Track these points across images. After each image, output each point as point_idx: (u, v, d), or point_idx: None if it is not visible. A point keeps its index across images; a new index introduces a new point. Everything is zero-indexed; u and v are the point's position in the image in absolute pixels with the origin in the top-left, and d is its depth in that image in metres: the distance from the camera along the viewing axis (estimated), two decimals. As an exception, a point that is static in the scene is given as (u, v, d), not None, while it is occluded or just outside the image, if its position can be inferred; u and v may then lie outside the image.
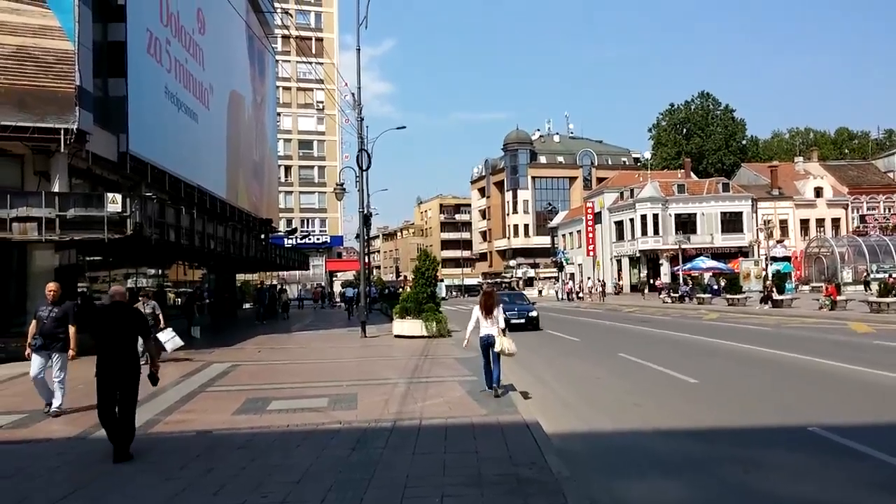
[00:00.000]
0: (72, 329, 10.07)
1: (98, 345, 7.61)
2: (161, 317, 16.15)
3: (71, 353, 10.17)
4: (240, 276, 49.84)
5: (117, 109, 21.10)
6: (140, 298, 16.50)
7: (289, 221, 75.35)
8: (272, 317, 37.08)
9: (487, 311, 10.98)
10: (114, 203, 17.52)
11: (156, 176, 23.76)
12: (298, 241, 64.02)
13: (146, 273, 27.94)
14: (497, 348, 10.76)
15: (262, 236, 40.52)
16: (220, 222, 27.64)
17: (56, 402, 10.13)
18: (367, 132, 27.72)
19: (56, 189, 18.12)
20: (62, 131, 17.63)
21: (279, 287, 47.07)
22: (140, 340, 8.05)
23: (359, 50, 26.26)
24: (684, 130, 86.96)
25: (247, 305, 48.64)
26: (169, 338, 15.62)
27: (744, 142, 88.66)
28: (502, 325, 10.99)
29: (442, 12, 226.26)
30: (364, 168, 26.21)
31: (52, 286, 10.33)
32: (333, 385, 12.57)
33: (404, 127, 60.93)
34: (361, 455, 7.46)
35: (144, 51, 22.71)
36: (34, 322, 10.09)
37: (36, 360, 10.02)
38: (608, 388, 12.40)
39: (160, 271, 29.44)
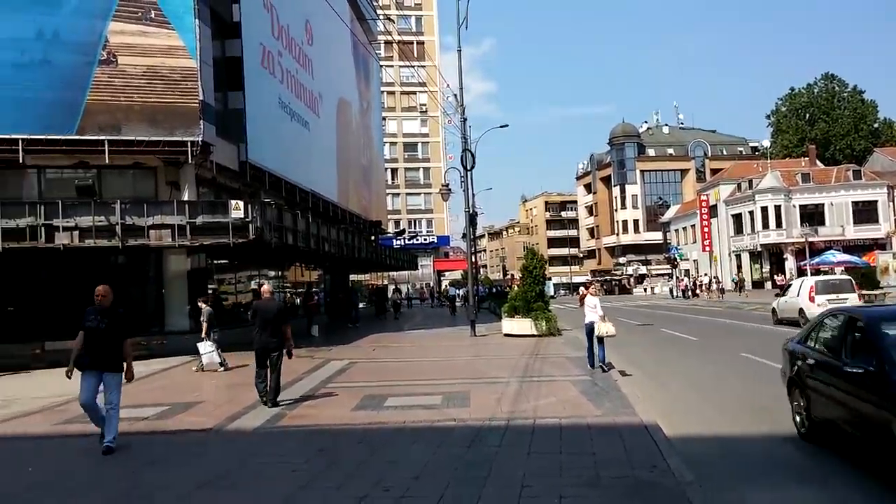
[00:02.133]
0: (127, 345, 8.23)
1: (256, 330, 10.60)
2: (206, 326, 15.76)
3: (124, 378, 8.21)
4: (352, 277, 51.34)
5: (236, 121, 22.32)
6: (199, 304, 16.71)
7: (396, 223, 76.94)
8: (383, 316, 37.96)
9: (584, 302, 13.92)
10: (237, 209, 18.54)
11: (273, 182, 24.92)
12: (406, 241, 65.26)
13: (267, 275, 29.28)
14: (597, 333, 13.32)
15: (372, 238, 41.59)
16: (333, 225, 28.63)
17: (109, 435, 8.02)
18: (470, 132, 27.92)
19: (186, 198, 19.34)
20: (189, 144, 18.84)
21: (393, 287, 48.12)
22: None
23: (460, 51, 26.44)
24: (807, 116, 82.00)
25: (361, 305, 50.05)
26: (206, 351, 15.59)
27: (875, 125, 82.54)
28: (601, 313, 13.54)
29: (541, 7, 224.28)
30: (468, 168, 26.42)
31: (100, 289, 8.26)
32: (446, 383, 12.76)
33: (507, 125, 60.65)
34: (477, 453, 7.55)
35: (259, 64, 23.87)
36: (80, 335, 8.15)
37: (85, 383, 8.04)
38: (732, 389, 11.93)
39: (280, 273, 30.78)
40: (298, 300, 31.47)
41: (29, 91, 17.77)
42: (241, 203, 18.82)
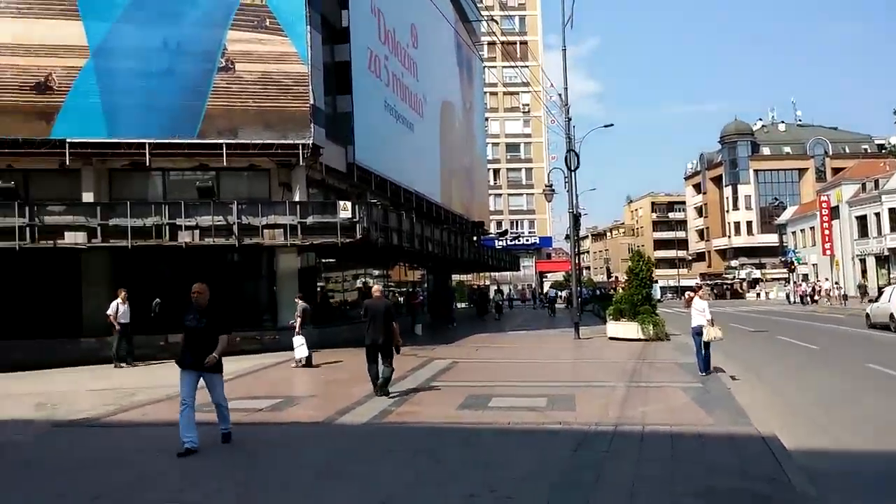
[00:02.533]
0: (222, 340, 8.04)
1: (367, 326, 11.27)
2: (299, 321, 16.26)
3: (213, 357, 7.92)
4: (454, 277, 51.70)
5: (344, 124, 22.96)
6: (296, 300, 17.24)
7: (498, 223, 76.90)
8: (484, 316, 38.02)
9: (692, 305, 13.79)
10: (345, 210, 19.07)
11: (379, 183, 25.45)
12: (509, 242, 65.10)
13: (371, 274, 29.92)
14: (705, 337, 13.19)
15: (475, 238, 41.72)
16: (436, 225, 28.92)
17: (222, 424, 8.27)
18: (573, 132, 27.48)
19: (297, 198, 20.04)
20: (300, 146, 19.52)
21: (495, 288, 48.12)
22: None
23: (564, 50, 26.10)
24: (940, 110, 75.85)
25: (461, 305, 50.34)
26: (298, 345, 16.13)
27: None
28: (709, 317, 13.36)
29: (647, 4, 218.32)
30: (573, 168, 26.01)
31: (197, 287, 8.11)
32: (551, 385, 12.61)
33: (612, 125, 59.54)
34: (583, 457, 7.39)
35: (366, 68, 24.44)
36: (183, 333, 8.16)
37: (183, 381, 7.97)
38: (857, 401, 11.18)
39: (384, 272, 31.39)
40: (402, 299, 32.00)
41: (155, 98, 18.91)
42: (349, 204, 19.34)
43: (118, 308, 17.34)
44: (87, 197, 19.18)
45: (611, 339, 21.68)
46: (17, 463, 7.94)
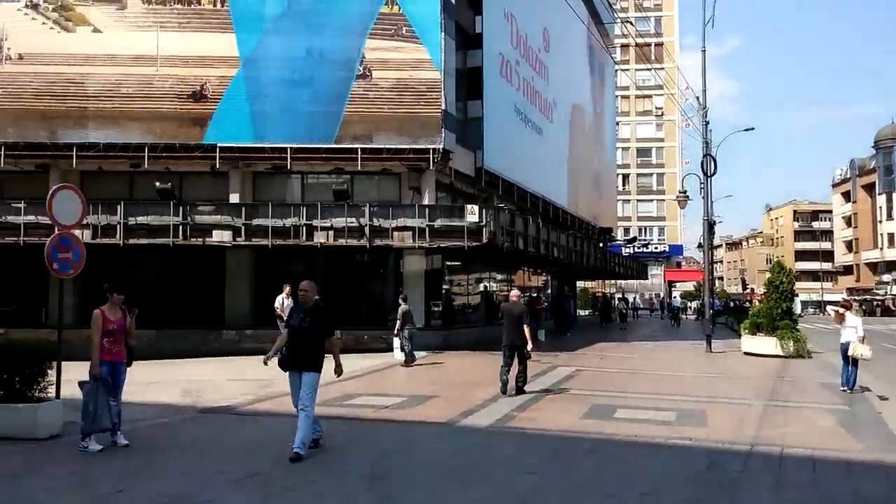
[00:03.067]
0: (332, 342, 7.69)
1: (504, 328, 12.18)
2: (399, 323, 16.95)
3: (334, 374, 7.67)
4: (579, 283, 50.98)
5: (474, 129, 23.22)
6: (400, 301, 17.65)
7: (626, 230, 75.01)
8: (607, 325, 37.17)
9: (843, 321, 13.30)
10: (472, 214, 19.28)
11: (506, 188, 25.53)
12: (636, 249, 63.34)
13: (495, 277, 30.04)
14: (851, 352, 12.73)
15: (601, 244, 40.94)
16: (562, 230, 28.62)
17: (297, 440, 7.38)
18: (710, 136, 26.34)
19: (426, 202, 20.49)
20: (431, 151, 19.94)
21: (619, 296, 47.06)
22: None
23: (704, 51, 25.12)
24: None
25: (584, 312, 49.53)
26: (396, 345, 17.03)
27: None
28: (861, 334, 12.86)
29: (793, 1, 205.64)
30: (709, 174, 24.95)
31: (304, 285, 7.73)
32: (679, 399, 12.16)
33: (752, 128, 56.48)
34: (716, 476, 7.09)
35: (497, 73, 24.59)
36: (284, 333, 7.96)
37: (292, 386, 7.72)
38: None
39: (508, 275, 31.44)
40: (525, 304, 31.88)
41: (297, 105, 19.95)
42: (476, 207, 19.53)
43: (283, 302, 17.52)
44: (234, 198, 20.50)
45: (745, 353, 20.61)
46: (168, 444, 8.61)
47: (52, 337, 10.03)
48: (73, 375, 8.44)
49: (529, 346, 12.14)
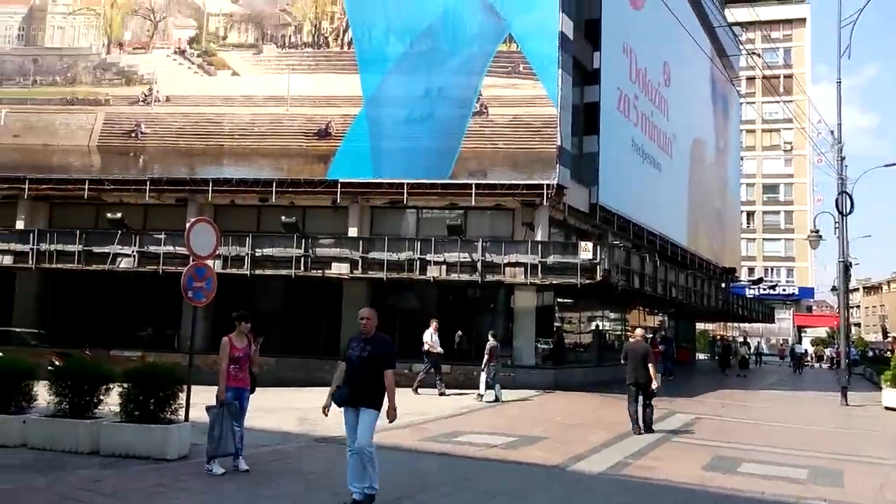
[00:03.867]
0: (388, 376, 6.89)
1: (627, 367, 12.70)
2: (486, 358, 16.85)
3: (387, 418, 6.92)
4: (699, 325, 48.91)
5: (589, 164, 22.96)
6: (489, 336, 17.47)
7: (751, 270, 71.39)
8: (726, 371, 35.20)
9: None
10: (585, 251, 18.97)
11: (621, 224, 24.98)
12: (762, 291, 60.12)
13: (608, 316, 29.31)
14: None
15: (723, 285, 39.17)
16: (681, 269, 27.62)
17: (361, 484, 6.82)
18: (845, 171, 24.78)
19: (538, 238, 20.35)
20: (545, 187, 19.84)
21: (741, 340, 44.75)
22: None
23: (839, 82, 23.73)
24: None
25: (701, 356, 47.37)
26: (482, 381, 16.81)
27: None
28: None
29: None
30: (844, 213, 23.43)
31: (365, 312, 7.06)
32: (811, 455, 11.31)
33: (894, 164, 52.52)
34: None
35: (614, 108, 24.28)
36: (341, 366, 7.10)
37: (347, 424, 6.99)
38: None
39: (622, 314, 30.60)
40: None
41: (414, 141, 20.47)
42: (590, 245, 19.20)
43: (432, 336, 17.79)
44: (352, 231, 21.17)
45: (887, 408, 18.98)
46: (285, 471, 8.87)
47: (184, 361, 10.68)
48: (201, 399, 8.90)
49: (654, 385, 12.44)
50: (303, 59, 21.52)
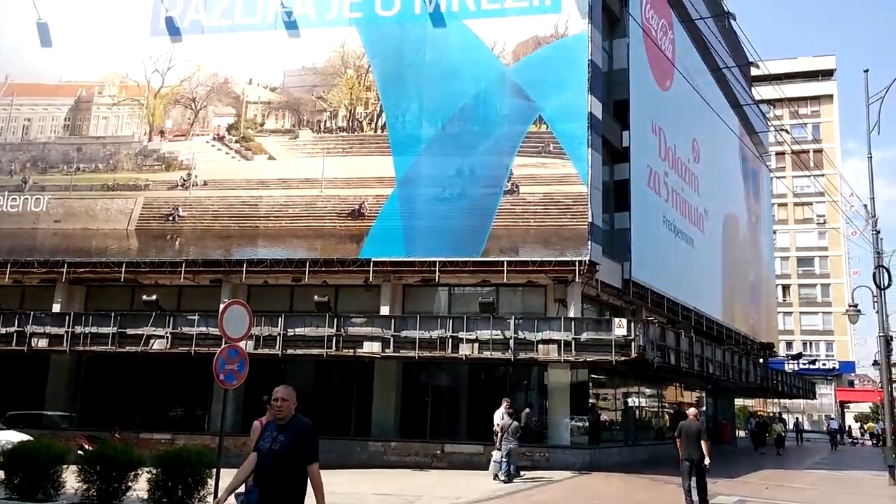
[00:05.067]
0: (313, 473, 5.41)
1: (682, 445, 12.72)
2: (499, 436, 16.35)
3: None
4: (738, 401, 47.51)
5: (621, 240, 22.96)
6: (504, 415, 16.91)
7: (788, 344, 69.68)
8: (761, 449, 33.78)
9: None
10: (620, 327, 18.73)
11: (655, 300, 24.72)
12: (801, 366, 58.48)
13: (644, 392, 28.65)
14: None
15: (761, 360, 38.25)
16: (717, 345, 27.10)
17: None
18: (881, 245, 24.39)
19: (571, 314, 20.18)
20: (577, 263, 19.80)
21: (777, 417, 43.36)
22: None
23: (870, 157, 23.64)
24: None
25: (741, 433, 45.74)
26: (494, 459, 16.31)
27: None
28: None
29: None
30: (883, 287, 22.95)
31: (281, 392, 5.61)
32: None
33: (932, 235, 51.65)
34: None
35: (645, 185, 24.43)
36: (251, 457, 5.60)
37: None
38: None
39: (658, 391, 29.89)
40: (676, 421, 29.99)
41: (446, 220, 20.71)
42: (624, 321, 18.99)
43: (504, 417, 16.98)
44: (384, 310, 21.20)
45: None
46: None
47: (213, 443, 10.60)
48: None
49: (707, 461, 12.60)
50: (337, 142, 22.13)
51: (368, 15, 22.36)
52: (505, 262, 20.14)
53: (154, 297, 21.02)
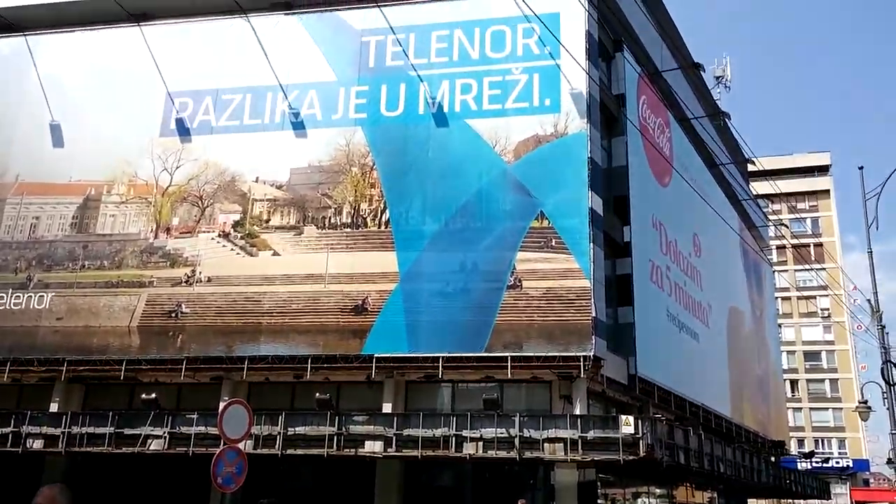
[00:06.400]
0: None
1: None
2: None
3: None
4: (751, 501, 45.87)
5: (625, 335, 22.79)
6: None
7: (800, 441, 67.95)
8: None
9: None
10: (627, 425, 18.28)
11: (662, 396, 24.29)
12: (814, 464, 56.79)
13: (654, 492, 27.75)
14: None
15: (773, 458, 37.19)
16: (727, 443, 26.42)
17: None
18: (887, 339, 24.21)
19: (577, 411, 19.76)
20: (582, 359, 19.58)
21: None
22: None
23: (870, 252, 23.86)
24: None
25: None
26: None
27: None
28: None
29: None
30: (892, 382, 22.61)
31: (44, 495, 4.46)
32: None
33: (938, 329, 51.34)
34: None
35: (647, 279, 24.47)
36: None
37: None
38: None
39: (668, 491, 28.93)
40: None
41: (450, 315, 20.62)
42: (631, 419, 18.55)
43: None
44: (387, 407, 20.80)
45: None
46: None
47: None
48: None
49: None
50: (341, 238, 22.34)
51: (373, 115, 23.03)
52: (509, 358, 19.91)
53: (153, 395, 20.66)
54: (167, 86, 24.27)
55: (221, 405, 10.72)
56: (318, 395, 19.84)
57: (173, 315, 22.34)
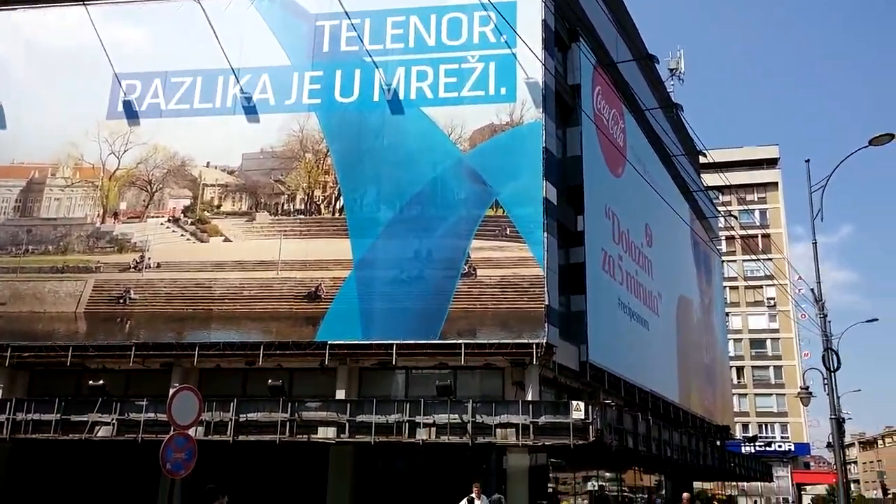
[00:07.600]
0: None
1: None
2: None
3: None
4: (696, 484, 47.17)
5: (577, 323, 23.16)
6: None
7: (744, 426, 70.03)
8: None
9: None
10: (577, 411, 18.63)
11: (612, 382, 24.78)
12: (757, 448, 58.60)
13: (603, 476, 28.34)
14: None
15: (718, 443, 38.28)
16: (675, 428, 27.11)
17: None
18: (829, 328, 25.05)
19: (529, 397, 20.05)
20: (534, 346, 19.86)
21: (725, 499, 43.03)
22: None
23: (815, 244, 24.48)
24: None
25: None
26: None
27: None
28: None
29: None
30: (832, 369, 23.43)
31: None
32: None
33: (875, 319, 53.20)
34: None
35: (600, 268, 24.88)
36: None
37: None
38: None
39: (617, 475, 29.58)
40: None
41: (404, 302, 20.69)
42: (581, 404, 18.90)
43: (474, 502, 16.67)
44: (340, 394, 20.79)
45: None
46: None
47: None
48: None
49: None
50: (295, 225, 22.14)
51: (327, 101, 22.82)
52: (462, 345, 20.09)
53: (101, 382, 20.30)
54: (114, 67, 23.62)
55: (171, 392, 10.56)
56: (270, 381, 19.74)
57: (121, 301, 21.92)
